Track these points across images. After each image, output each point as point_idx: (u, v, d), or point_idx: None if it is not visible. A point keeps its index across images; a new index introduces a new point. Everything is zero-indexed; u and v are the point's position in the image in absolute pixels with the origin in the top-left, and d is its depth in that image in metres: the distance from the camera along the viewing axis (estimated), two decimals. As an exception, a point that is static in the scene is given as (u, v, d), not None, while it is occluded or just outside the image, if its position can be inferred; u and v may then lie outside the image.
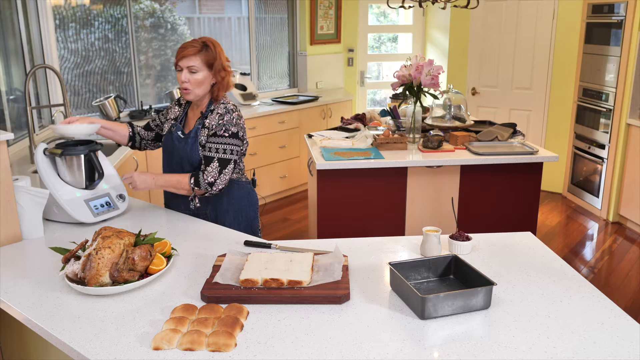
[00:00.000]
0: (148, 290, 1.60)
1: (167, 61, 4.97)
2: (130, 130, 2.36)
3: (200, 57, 2.07)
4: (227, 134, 2.11)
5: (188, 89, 2.10)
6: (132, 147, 2.38)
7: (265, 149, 5.03)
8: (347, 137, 3.64)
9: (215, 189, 2.10)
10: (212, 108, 2.17)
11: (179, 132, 2.19)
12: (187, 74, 2.08)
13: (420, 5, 3.90)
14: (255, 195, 2.36)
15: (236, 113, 2.15)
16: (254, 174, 2.54)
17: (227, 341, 1.31)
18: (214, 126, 2.12)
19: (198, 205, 2.15)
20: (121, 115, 4.42)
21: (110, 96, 4.33)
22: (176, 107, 2.30)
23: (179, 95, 2.66)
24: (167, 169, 2.27)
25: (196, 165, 2.16)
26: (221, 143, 2.11)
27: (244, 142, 2.20)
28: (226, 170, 2.11)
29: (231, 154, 2.12)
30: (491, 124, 3.94)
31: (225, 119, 2.11)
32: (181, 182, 2.11)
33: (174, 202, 2.30)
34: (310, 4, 5.82)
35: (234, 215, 2.28)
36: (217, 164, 2.09)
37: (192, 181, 2.09)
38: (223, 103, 2.17)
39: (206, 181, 2.09)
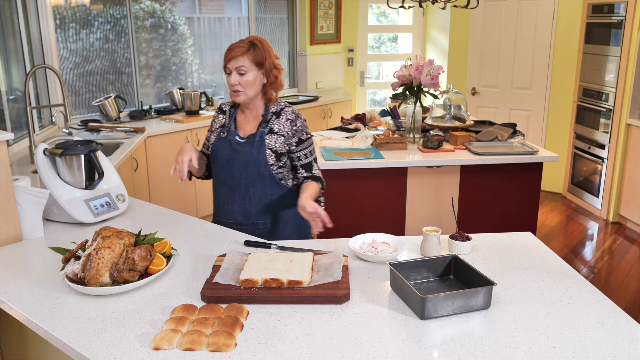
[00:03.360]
0: (148, 290, 1.60)
1: (167, 61, 4.96)
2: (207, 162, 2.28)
3: (248, 56, 2.01)
4: (307, 137, 2.17)
5: (239, 90, 2.04)
6: (207, 177, 2.30)
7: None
8: (347, 137, 3.64)
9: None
10: (273, 111, 2.13)
11: (236, 137, 2.11)
12: (236, 75, 2.02)
13: (420, 5, 3.90)
14: None
15: (302, 117, 2.18)
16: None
17: (227, 341, 1.31)
18: (290, 133, 2.11)
19: (323, 205, 2.18)
20: (121, 115, 4.42)
21: (110, 96, 4.33)
22: (220, 116, 2.21)
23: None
24: (225, 174, 2.15)
25: (262, 168, 2.09)
26: (308, 146, 2.18)
27: None
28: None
29: (313, 153, 2.22)
30: (491, 124, 3.94)
31: (298, 124, 2.14)
32: (317, 189, 2.13)
33: (225, 209, 2.19)
34: (310, 4, 5.82)
35: (293, 227, 2.21)
36: (316, 164, 2.21)
37: (320, 185, 2.18)
38: (284, 107, 2.15)
39: (323, 180, 2.21)
